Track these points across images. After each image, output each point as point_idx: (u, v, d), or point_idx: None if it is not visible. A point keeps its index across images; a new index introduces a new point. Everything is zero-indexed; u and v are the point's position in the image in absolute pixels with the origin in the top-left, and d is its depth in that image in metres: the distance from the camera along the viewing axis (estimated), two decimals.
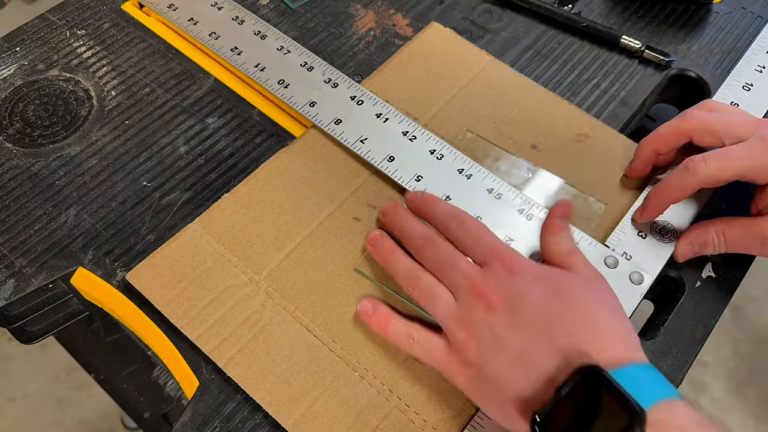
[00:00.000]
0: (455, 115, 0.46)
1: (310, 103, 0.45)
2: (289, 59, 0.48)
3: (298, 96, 0.46)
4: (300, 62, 0.48)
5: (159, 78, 0.48)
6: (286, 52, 0.48)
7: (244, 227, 0.40)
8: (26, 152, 0.44)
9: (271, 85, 0.46)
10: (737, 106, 0.47)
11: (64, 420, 1.13)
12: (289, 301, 0.38)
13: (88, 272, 0.39)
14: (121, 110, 0.46)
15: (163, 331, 0.37)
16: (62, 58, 0.49)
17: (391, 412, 0.35)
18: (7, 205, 0.41)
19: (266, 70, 0.47)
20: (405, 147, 0.43)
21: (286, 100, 0.45)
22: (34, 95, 0.46)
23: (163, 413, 0.75)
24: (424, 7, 0.54)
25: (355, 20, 0.52)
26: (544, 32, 0.53)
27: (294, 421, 0.34)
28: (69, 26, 0.50)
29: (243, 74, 0.49)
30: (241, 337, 0.36)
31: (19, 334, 0.41)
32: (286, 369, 0.36)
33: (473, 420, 0.35)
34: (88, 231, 0.41)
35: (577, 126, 0.46)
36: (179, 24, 0.50)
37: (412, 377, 0.36)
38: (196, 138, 0.45)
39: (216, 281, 0.38)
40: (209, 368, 0.36)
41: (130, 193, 0.42)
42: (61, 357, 1.16)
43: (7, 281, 0.38)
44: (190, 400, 0.35)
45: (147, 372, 0.71)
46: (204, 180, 0.43)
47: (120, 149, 0.44)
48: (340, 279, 0.39)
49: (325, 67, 0.47)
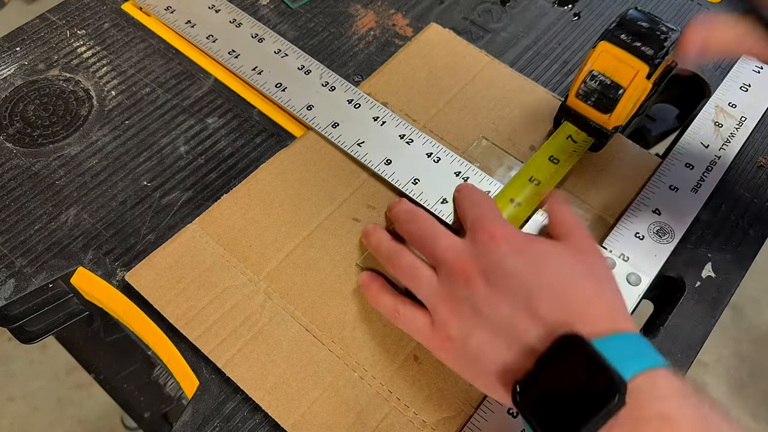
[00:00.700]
0: (454, 116, 0.46)
1: (308, 107, 0.45)
2: (287, 62, 0.48)
3: (295, 99, 0.46)
4: (297, 65, 0.48)
5: (159, 78, 0.48)
6: (284, 55, 0.48)
7: (244, 228, 0.40)
8: (26, 152, 0.44)
9: (269, 88, 0.46)
10: (734, 107, 0.47)
11: (64, 420, 1.13)
12: (288, 301, 0.38)
13: (88, 272, 0.39)
14: (121, 110, 0.46)
15: (163, 330, 0.37)
16: (62, 58, 0.49)
17: (390, 413, 0.35)
18: (7, 204, 0.42)
19: (263, 74, 0.47)
20: (402, 150, 0.43)
21: (284, 104, 0.45)
22: (34, 95, 0.47)
23: (163, 413, 0.76)
24: (424, 7, 0.54)
25: (355, 20, 0.53)
26: (544, 32, 0.53)
27: (293, 422, 0.34)
28: (69, 26, 0.50)
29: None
30: (241, 338, 0.36)
31: (19, 334, 0.42)
32: (285, 369, 0.36)
33: (470, 421, 0.35)
34: (88, 231, 0.41)
35: None
36: (176, 27, 0.50)
37: (412, 378, 0.36)
38: (196, 138, 0.45)
39: (215, 281, 0.38)
40: (209, 368, 0.36)
41: (130, 192, 0.42)
42: (61, 357, 1.16)
43: (8, 281, 0.39)
44: (190, 400, 0.35)
45: (147, 372, 0.71)
46: (204, 180, 0.43)
47: (120, 149, 0.44)
48: (339, 279, 0.39)
49: (322, 70, 0.47)
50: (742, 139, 0.46)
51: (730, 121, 0.47)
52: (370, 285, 0.37)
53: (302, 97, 0.46)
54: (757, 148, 0.46)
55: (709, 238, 0.42)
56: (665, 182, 0.43)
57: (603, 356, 0.27)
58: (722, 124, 0.46)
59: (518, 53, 0.51)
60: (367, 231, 0.39)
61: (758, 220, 0.43)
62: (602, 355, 0.27)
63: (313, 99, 0.46)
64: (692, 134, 0.46)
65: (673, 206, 0.41)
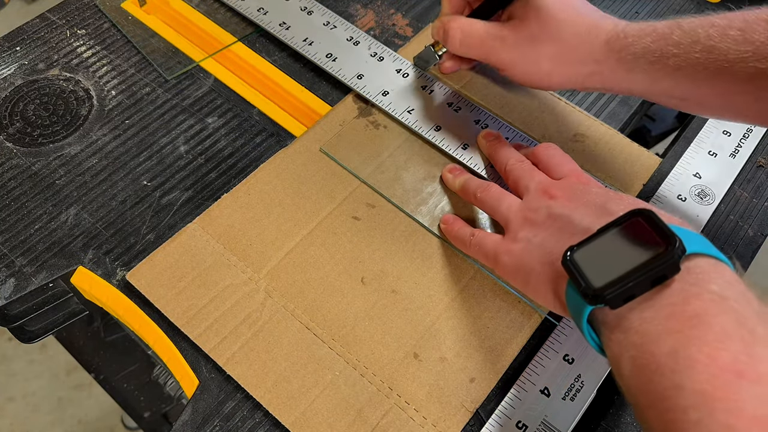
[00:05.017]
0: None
1: (358, 76, 0.47)
2: (336, 34, 0.50)
3: (346, 69, 0.47)
4: (346, 36, 0.50)
5: (159, 78, 0.48)
6: (333, 27, 0.50)
7: (244, 226, 0.40)
8: (26, 152, 0.44)
9: (320, 58, 0.48)
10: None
11: (64, 420, 1.13)
12: (288, 299, 0.38)
13: (89, 271, 0.39)
14: (121, 110, 0.46)
15: (163, 330, 0.37)
16: (62, 57, 0.49)
17: (390, 410, 0.35)
18: (8, 204, 0.42)
19: (314, 44, 0.49)
20: (450, 117, 0.45)
21: (335, 73, 0.47)
22: (35, 95, 0.47)
23: (163, 412, 0.76)
24: (423, 7, 0.54)
25: (355, 20, 0.53)
26: None
27: (294, 420, 0.34)
28: (69, 26, 0.51)
29: (243, 74, 0.49)
30: (241, 336, 0.36)
31: (19, 334, 0.42)
32: (285, 367, 0.36)
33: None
34: (89, 230, 0.41)
35: (575, 126, 0.46)
36: (233, 3, 0.51)
37: (412, 375, 0.36)
38: (196, 137, 0.45)
39: (216, 280, 0.38)
40: (209, 367, 0.36)
41: (130, 192, 0.42)
42: (61, 357, 1.16)
43: (8, 280, 0.39)
44: (190, 399, 0.35)
45: (147, 371, 0.71)
46: (204, 179, 0.43)
47: (120, 149, 0.44)
48: (339, 277, 0.39)
49: (370, 41, 0.49)
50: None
51: None
52: (452, 221, 0.40)
53: (352, 67, 0.48)
54: (757, 148, 0.46)
55: (708, 239, 0.42)
56: (704, 148, 0.46)
57: (668, 226, 0.27)
58: None
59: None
60: (450, 170, 0.42)
61: (758, 220, 0.43)
62: (668, 225, 0.27)
63: (362, 68, 0.47)
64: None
65: (713, 170, 0.44)
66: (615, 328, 0.27)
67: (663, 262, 0.26)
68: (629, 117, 0.48)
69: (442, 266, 0.40)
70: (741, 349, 0.23)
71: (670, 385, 0.24)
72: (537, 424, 0.34)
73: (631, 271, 0.26)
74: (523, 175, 0.38)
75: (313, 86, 0.48)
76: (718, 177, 0.44)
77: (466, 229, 0.39)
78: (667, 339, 0.25)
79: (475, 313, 0.38)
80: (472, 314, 0.38)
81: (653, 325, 0.25)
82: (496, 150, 0.42)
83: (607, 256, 0.27)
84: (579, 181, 0.36)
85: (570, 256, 0.28)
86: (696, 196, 0.43)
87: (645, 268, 0.26)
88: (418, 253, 0.40)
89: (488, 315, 0.38)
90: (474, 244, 0.38)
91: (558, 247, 0.31)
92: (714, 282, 0.26)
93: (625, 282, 0.26)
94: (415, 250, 0.40)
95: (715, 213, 0.43)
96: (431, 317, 0.38)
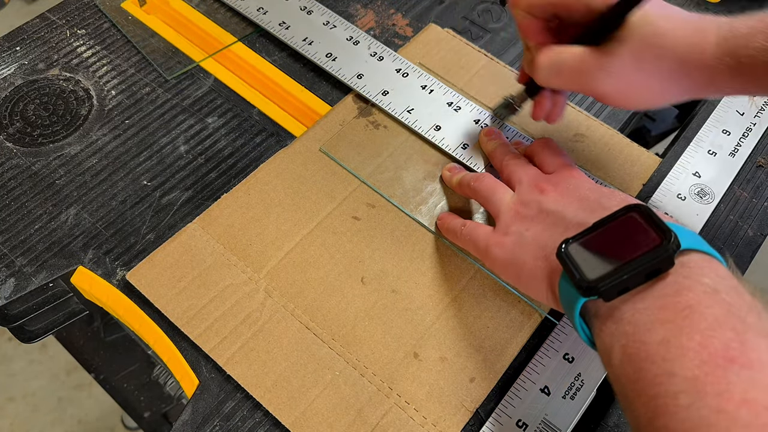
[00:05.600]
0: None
1: (358, 76, 0.47)
2: (335, 33, 0.50)
3: (345, 69, 0.48)
4: (346, 36, 0.50)
5: (159, 77, 0.48)
6: (332, 26, 0.50)
7: (244, 226, 0.40)
8: (26, 151, 0.44)
9: (320, 58, 0.48)
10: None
11: (64, 420, 1.13)
12: (288, 299, 0.38)
13: (89, 271, 0.39)
14: (121, 110, 0.46)
15: (163, 330, 0.37)
16: (62, 57, 0.49)
17: (390, 410, 0.35)
18: (8, 204, 0.42)
19: (314, 44, 0.49)
20: (450, 117, 0.45)
21: (335, 73, 0.47)
22: (35, 95, 0.47)
23: (162, 412, 0.76)
24: (423, 7, 0.54)
25: (355, 20, 0.53)
26: None
27: (294, 419, 0.34)
28: (69, 26, 0.51)
29: (243, 74, 0.49)
30: (241, 336, 0.36)
31: (20, 334, 0.42)
32: (285, 367, 0.36)
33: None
34: (89, 230, 0.41)
35: (575, 126, 0.46)
36: (232, 2, 0.51)
37: (412, 375, 0.36)
38: (196, 137, 0.45)
39: (216, 280, 0.38)
40: (209, 367, 0.36)
41: (130, 192, 0.42)
42: (61, 357, 1.16)
43: (8, 280, 0.39)
44: (190, 399, 0.35)
45: (147, 371, 0.71)
46: (204, 179, 0.43)
47: (120, 149, 0.44)
48: (339, 277, 0.39)
49: (370, 41, 0.49)
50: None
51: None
52: (445, 215, 0.41)
53: (352, 67, 0.48)
54: (756, 147, 0.46)
55: (707, 239, 0.42)
56: (704, 147, 0.46)
57: (663, 221, 0.27)
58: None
59: (518, 53, 0.51)
60: (450, 169, 0.43)
61: (757, 219, 0.43)
62: (663, 221, 0.27)
63: (362, 68, 0.47)
64: (728, 103, 0.49)
65: (712, 169, 0.44)
66: (607, 319, 0.27)
67: (658, 256, 0.26)
68: (629, 117, 0.48)
69: (443, 266, 0.40)
70: (732, 337, 0.23)
71: (661, 372, 0.24)
72: (537, 422, 0.34)
73: (626, 264, 0.26)
74: (516, 170, 0.38)
75: (313, 86, 0.48)
76: (717, 176, 0.44)
77: (457, 220, 0.40)
78: (659, 328, 0.25)
79: (475, 312, 0.38)
80: (472, 314, 0.38)
81: (645, 316, 0.26)
82: (494, 147, 0.42)
83: (601, 250, 0.28)
84: (570, 176, 0.36)
85: (565, 248, 0.29)
86: (695, 195, 0.43)
87: (639, 261, 0.26)
88: (418, 253, 0.40)
89: (488, 315, 0.38)
90: (465, 234, 0.38)
91: (552, 242, 0.31)
92: (707, 276, 0.26)
93: (619, 275, 0.26)
94: (415, 250, 0.40)
95: (714, 212, 0.43)
96: (431, 317, 0.38)
